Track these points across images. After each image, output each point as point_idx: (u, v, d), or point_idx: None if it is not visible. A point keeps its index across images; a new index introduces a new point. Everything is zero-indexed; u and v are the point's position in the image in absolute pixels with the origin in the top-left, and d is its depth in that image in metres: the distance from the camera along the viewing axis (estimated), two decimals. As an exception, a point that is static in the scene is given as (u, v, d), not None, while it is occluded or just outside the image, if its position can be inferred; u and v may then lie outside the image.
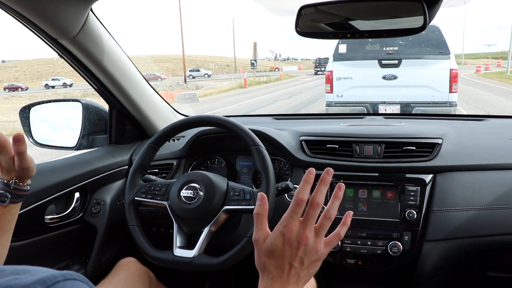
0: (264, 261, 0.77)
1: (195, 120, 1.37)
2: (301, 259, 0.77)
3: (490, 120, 1.85)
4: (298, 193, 0.78)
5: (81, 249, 1.48)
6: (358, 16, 1.14)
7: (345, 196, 1.45)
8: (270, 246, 0.77)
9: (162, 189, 1.29)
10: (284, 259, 0.76)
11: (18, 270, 0.42)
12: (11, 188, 0.98)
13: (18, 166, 0.97)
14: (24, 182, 1.00)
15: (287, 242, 0.76)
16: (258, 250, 0.79)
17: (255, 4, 1.94)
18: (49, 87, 42.51)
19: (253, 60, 33.89)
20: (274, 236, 0.77)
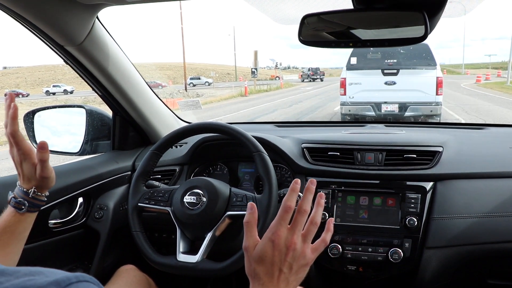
0: (254, 268, 0.80)
1: (198, 127, 1.39)
2: (290, 264, 0.79)
3: (490, 129, 1.87)
4: (286, 201, 0.80)
5: (84, 254, 1.49)
6: (360, 26, 1.15)
7: (346, 203, 1.46)
8: (260, 252, 0.79)
9: (165, 195, 1.30)
10: (274, 265, 0.78)
11: (32, 272, 0.44)
12: (30, 196, 1.00)
13: (39, 174, 0.99)
14: (42, 192, 1.03)
15: (276, 248, 0.78)
16: (248, 257, 0.82)
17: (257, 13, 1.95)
18: (50, 93, 42.55)
19: (254, 69, 34.00)
20: (264, 242, 0.80)
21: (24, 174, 1.00)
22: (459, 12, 1.34)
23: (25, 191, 1.00)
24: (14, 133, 0.96)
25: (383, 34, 1.17)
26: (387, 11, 1.12)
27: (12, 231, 0.97)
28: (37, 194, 1.01)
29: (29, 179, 1.01)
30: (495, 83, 29.31)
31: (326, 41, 1.18)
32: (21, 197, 0.99)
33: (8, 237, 0.97)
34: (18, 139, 0.97)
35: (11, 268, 0.44)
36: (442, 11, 1.08)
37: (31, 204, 1.00)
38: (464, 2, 1.23)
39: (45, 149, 0.98)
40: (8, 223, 0.97)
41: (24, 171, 1.00)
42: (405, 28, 1.11)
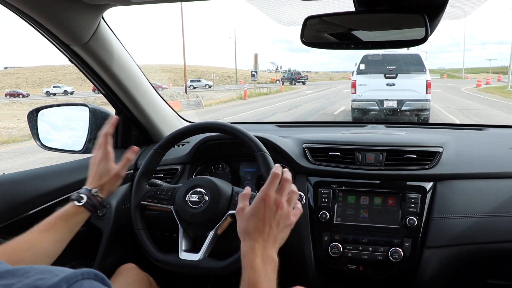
0: (246, 225, 0.92)
1: (201, 126, 1.40)
2: (278, 221, 0.92)
3: (490, 130, 1.88)
4: (274, 170, 0.96)
5: (86, 252, 1.50)
6: (362, 27, 1.17)
7: (347, 203, 1.47)
8: (252, 210, 0.92)
9: (168, 194, 1.31)
10: (265, 220, 0.91)
11: (42, 271, 0.45)
12: (91, 194, 1.14)
13: (117, 171, 1.20)
14: (103, 194, 1.18)
15: (267, 206, 0.91)
16: (240, 218, 0.94)
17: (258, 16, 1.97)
18: (50, 94, 42.35)
19: (254, 72, 33.51)
20: (256, 202, 0.93)
21: (97, 172, 1.18)
22: (459, 14, 1.35)
23: (88, 189, 1.15)
24: (106, 134, 1.21)
25: (384, 36, 1.19)
26: (388, 13, 1.13)
27: (67, 219, 1.09)
28: (98, 194, 1.16)
29: (100, 176, 1.18)
30: (496, 88, 29.06)
31: (328, 42, 1.19)
32: (83, 193, 1.14)
33: (62, 225, 1.08)
34: (107, 140, 1.20)
35: (21, 269, 0.45)
36: (443, 14, 1.10)
37: (90, 200, 1.13)
38: (464, 5, 1.25)
39: (135, 152, 1.25)
40: (66, 212, 1.09)
41: (98, 169, 1.18)
42: (406, 30, 1.13)
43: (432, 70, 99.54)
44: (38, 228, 1.04)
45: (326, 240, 1.45)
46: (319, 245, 1.46)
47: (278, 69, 67.46)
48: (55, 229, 1.06)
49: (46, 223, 1.06)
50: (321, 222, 1.46)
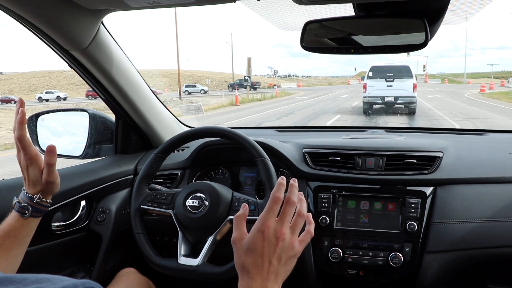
0: (243, 260, 0.79)
1: (202, 131, 1.40)
2: (279, 255, 0.79)
3: (489, 135, 1.88)
4: (274, 192, 0.82)
5: (86, 257, 1.49)
6: (361, 32, 1.17)
7: (347, 208, 1.47)
8: (249, 243, 0.79)
9: (168, 198, 1.31)
10: (264, 256, 0.78)
11: (39, 279, 0.44)
12: (34, 202, 1.01)
13: (45, 179, 1.01)
14: (47, 198, 1.04)
15: (266, 239, 0.79)
16: (237, 250, 0.82)
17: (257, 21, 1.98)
18: (43, 100, 40.69)
19: (247, 76, 31.42)
20: (253, 234, 0.80)
21: (29, 179, 1.02)
22: (459, 19, 1.36)
23: (30, 196, 1.01)
24: (21, 137, 0.98)
25: (384, 40, 1.19)
26: (388, 18, 1.14)
27: (15, 235, 0.98)
28: (42, 200, 1.03)
29: (35, 184, 1.02)
30: (501, 93, 27.81)
31: (328, 47, 1.20)
32: (25, 202, 1.01)
33: (11, 241, 0.98)
34: (25, 144, 0.99)
35: (18, 276, 0.44)
36: (442, 19, 1.10)
37: (35, 209, 1.02)
38: (465, 10, 1.25)
39: (53, 153, 1.01)
40: (12, 227, 0.98)
41: (30, 176, 1.02)
42: (405, 34, 1.13)
43: (432, 75, 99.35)
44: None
45: (326, 245, 1.45)
46: (319, 250, 1.46)
47: (275, 74, 65.58)
48: (5, 248, 0.97)
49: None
50: (321, 227, 1.46)
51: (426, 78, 66.97)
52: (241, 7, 1.55)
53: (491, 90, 31.52)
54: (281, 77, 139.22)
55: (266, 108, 21.41)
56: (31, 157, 1.00)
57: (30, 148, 1.00)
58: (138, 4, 1.13)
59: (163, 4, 1.14)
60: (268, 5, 1.24)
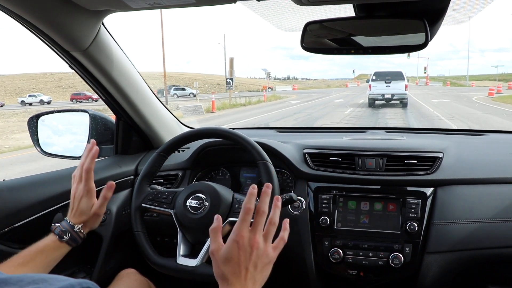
0: (222, 270, 0.85)
1: (204, 132, 1.40)
2: (255, 262, 0.85)
3: (490, 135, 1.88)
4: (245, 204, 0.89)
5: (87, 257, 1.49)
6: (362, 33, 1.17)
7: (348, 208, 1.47)
8: (226, 253, 0.86)
9: (169, 198, 1.31)
10: (240, 264, 0.84)
11: (35, 280, 0.44)
12: (74, 230, 1.10)
13: (96, 211, 1.13)
14: (85, 230, 1.13)
15: (241, 248, 0.85)
16: (215, 261, 0.87)
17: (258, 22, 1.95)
18: (26, 103, 39.91)
19: (229, 79, 28.47)
20: (229, 244, 0.86)
21: (78, 209, 1.13)
22: (460, 20, 1.36)
23: (72, 224, 1.11)
24: (89, 169, 1.13)
25: (384, 41, 1.19)
26: (388, 18, 1.14)
27: (47, 255, 1.05)
28: (81, 231, 1.12)
29: (81, 214, 1.13)
30: (510, 97, 24.99)
31: (328, 48, 1.20)
32: (66, 228, 1.09)
33: (42, 260, 1.04)
34: (89, 176, 1.13)
35: (14, 277, 0.44)
36: (443, 19, 1.10)
37: (72, 237, 1.10)
38: (468, 10, 1.25)
39: (112, 189, 1.15)
40: (47, 247, 1.06)
41: (80, 206, 1.13)
42: (406, 35, 1.13)
43: (433, 77, 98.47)
44: (16, 261, 1.00)
45: (326, 246, 1.45)
46: (320, 251, 1.46)
47: (270, 76, 61.43)
48: (34, 264, 1.02)
49: (24, 255, 1.02)
50: (322, 227, 1.46)
51: (427, 80, 65.16)
52: (241, 8, 1.55)
53: (499, 94, 29.52)
54: (280, 80, 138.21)
55: (246, 116, 18.51)
56: (89, 189, 1.12)
57: (91, 181, 1.13)
58: (139, 5, 1.14)
59: (164, 5, 1.14)
60: (268, 6, 1.24)
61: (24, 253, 1.02)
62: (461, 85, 59.24)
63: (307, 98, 33.07)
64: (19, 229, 1.23)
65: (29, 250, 1.03)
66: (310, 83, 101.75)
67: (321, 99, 31.25)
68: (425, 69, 66.25)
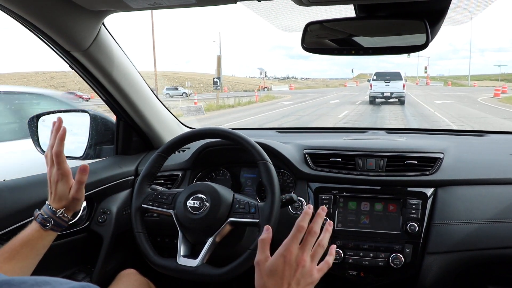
0: (265, 281, 0.85)
1: (204, 132, 1.40)
2: (298, 280, 0.85)
3: (490, 136, 1.88)
4: (299, 221, 0.89)
5: (87, 258, 1.49)
6: (362, 33, 1.17)
7: (348, 209, 1.47)
8: (272, 266, 0.85)
9: (169, 198, 1.31)
10: (284, 279, 0.84)
11: (38, 282, 0.44)
12: (57, 216, 1.06)
13: (73, 195, 1.08)
14: (68, 214, 1.09)
15: (287, 263, 0.85)
16: (259, 271, 0.87)
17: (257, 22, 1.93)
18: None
19: (216, 78, 26.14)
20: (276, 257, 0.86)
21: (56, 194, 1.08)
22: (460, 20, 1.36)
23: (53, 210, 1.07)
24: (59, 153, 1.06)
25: (385, 41, 1.19)
26: (388, 19, 1.14)
27: (33, 245, 1.02)
28: (64, 215, 1.08)
29: (60, 199, 1.08)
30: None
31: (328, 48, 1.20)
32: (48, 215, 1.05)
33: (28, 251, 1.01)
34: (61, 160, 1.06)
35: (16, 279, 0.44)
36: (443, 20, 1.10)
37: (56, 223, 1.06)
38: (471, 10, 1.25)
39: (85, 172, 1.09)
40: (31, 237, 1.02)
41: (57, 191, 1.07)
42: (406, 36, 1.13)
43: (433, 77, 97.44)
44: (1, 256, 0.97)
45: None
46: None
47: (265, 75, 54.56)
48: (20, 256, 0.99)
49: (9, 249, 0.99)
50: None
51: (428, 80, 63.61)
52: (241, 7, 1.54)
53: (505, 94, 27.52)
54: (280, 79, 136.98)
55: (230, 119, 16.06)
56: (63, 172, 1.07)
57: (64, 164, 1.07)
58: (139, 5, 1.14)
59: (164, 5, 1.14)
60: (269, 6, 1.24)
61: (9, 247, 0.99)
62: (462, 85, 58.31)
63: (302, 99, 31.00)
64: (20, 230, 1.22)
65: (13, 243, 1.00)
66: (309, 83, 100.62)
67: (316, 100, 29.36)
68: (426, 69, 65.06)
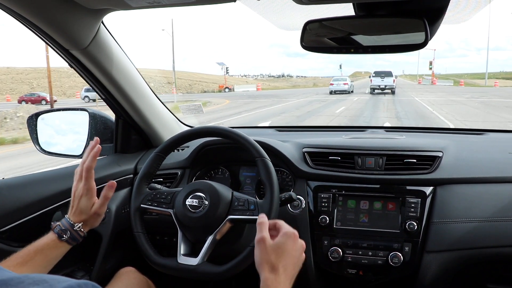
0: (273, 259, 0.90)
1: (202, 131, 1.40)
2: (300, 262, 0.95)
3: (489, 134, 1.88)
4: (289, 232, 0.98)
5: (86, 256, 1.49)
6: (362, 32, 1.17)
7: (347, 207, 1.47)
8: (282, 244, 0.92)
9: (168, 197, 1.30)
10: (293, 258, 0.93)
11: (36, 281, 0.44)
12: (74, 229, 1.09)
13: (96, 210, 1.12)
14: (85, 229, 1.12)
15: (296, 242, 0.95)
16: (264, 248, 0.92)
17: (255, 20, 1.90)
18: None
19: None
20: (286, 236, 0.93)
21: (78, 208, 1.11)
22: (459, 19, 1.36)
23: (71, 223, 1.10)
24: (90, 168, 1.11)
25: (384, 40, 1.19)
26: (388, 17, 1.14)
27: (47, 254, 1.04)
28: (81, 229, 1.10)
29: (81, 213, 1.11)
30: None
31: (328, 47, 1.20)
32: (65, 227, 1.08)
33: (41, 259, 1.03)
34: (90, 175, 1.11)
35: (14, 278, 0.44)
36: (443, 18, 1.10)
37: (72, 236, 1.08)
38: (464, 9, 1.25)
39: (113, 189, 1.14)
40: (46, 246, 1.05)
41: (79, 205, 1.11)
42: (406, 34, 1.13)
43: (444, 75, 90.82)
44: (15, 261, 0.99)
45: (326, 245, 1.45)
46: (319, 250, 1.46)
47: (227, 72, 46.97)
48: (33, 263, 1.00)
49: (23, 255, 1.00)
50: (321, 226, 1.46)
51: (433, 78, 53.58)
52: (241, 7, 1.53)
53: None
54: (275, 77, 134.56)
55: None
56: (89, 187, 1.11)
57: (91, 180, 1.11)
58: (138, 3, 1.14)
59: (163, 4, 1.14)
60: (268, 4, 1.24)
61: (24, 252, 1.01)
62: (476, 85, 48.76)
63: (249, 106, 22.41)
64: (18, 228, 1.23)
65: (28, 249, 1.02)
66: (299, 81, 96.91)
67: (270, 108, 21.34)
68: (431, 64, 52.53)
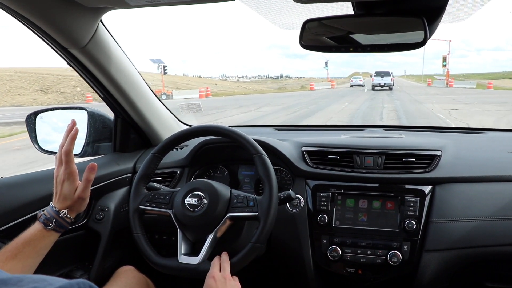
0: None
1: (199, 130, 1.40)
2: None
3: (488, 133, 1.88)
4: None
5: (85, 255, 1.49)
6: (360, 31, 1.17)
7: (346, 206, 1.47)
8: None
9: (166, 198, 1.30)
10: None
11: (35, 280, 0.44)
12: (60, 216, 1.07)
13: (79, 194, 1.09)
14: (72, 215, 1.10)
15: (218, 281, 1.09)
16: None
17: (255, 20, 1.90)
18: None
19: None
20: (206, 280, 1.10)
21: (61, 193, 1.09)
22: (458, 18, 1.36)
23: (56, 210, 1.07)
24: (68, 152, 1.08)
25: (383, 39, 1.19)
26: (387, 16, 1.13)
27: (35, 245, 1.03)
28: (67, 216, 1.09)
29: (65, 199, 1.09)
30: None
31: (327, 46, 1.19)
32: (51, 215, 1.06)
33: (30, 251, 1.02)
34: (70, 159, 1.08)
35: (14, 278, 0.44)
36: (442, 17, 1.10)
37: (59, 223, 1.07)
38: (463, 8, 1.25)
39: (94, 171, 1.10)
40: (33, 236, 1.03)
41: (63, 190, 1.09)
42: (405, 33, 1.13)
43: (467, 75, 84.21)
44: (4, 255, 0.98)
45: (324, 244, 1.45)
46: (318, 249, 1.46)
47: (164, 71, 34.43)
48: (23, 255, 1.00)
49: (12, 249, 1.00)
50: (320, 225, 1.46)
51: (448, 79, 41.23)
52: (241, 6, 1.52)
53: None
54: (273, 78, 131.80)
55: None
56: (70, 172, 1.08)
57: (72, 164, 1.09)
58: (137, 2, 1.13)
59: (162, 2, 1.14)
60: (267, 3, 1.24)
61: (12, 246, 1.00)
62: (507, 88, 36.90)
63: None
64: (18, 227, 1.22)
65: (16, 242, 1.01)
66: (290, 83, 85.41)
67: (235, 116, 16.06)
68: (445, 61, 41.25)
